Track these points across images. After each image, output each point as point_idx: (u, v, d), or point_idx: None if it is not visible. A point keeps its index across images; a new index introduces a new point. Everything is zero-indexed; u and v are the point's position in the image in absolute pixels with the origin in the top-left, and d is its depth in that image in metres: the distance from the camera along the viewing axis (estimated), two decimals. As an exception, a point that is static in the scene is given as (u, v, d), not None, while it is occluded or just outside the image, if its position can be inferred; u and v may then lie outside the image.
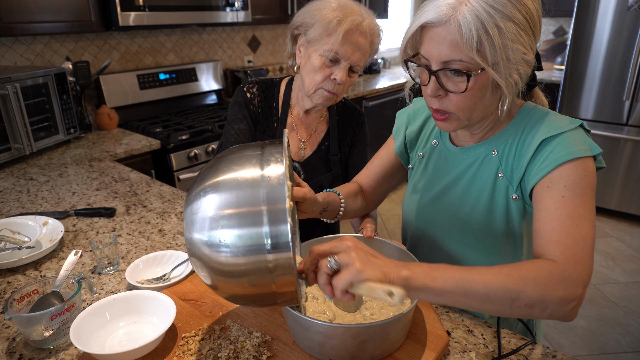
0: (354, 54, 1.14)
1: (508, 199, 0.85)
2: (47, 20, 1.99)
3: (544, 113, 0.83)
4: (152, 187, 1.61)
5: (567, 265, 0.66)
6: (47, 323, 0.80)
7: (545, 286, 0.64)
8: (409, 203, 1.04)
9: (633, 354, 2.11)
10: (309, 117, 1.33)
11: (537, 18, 0.74)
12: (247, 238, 0.61)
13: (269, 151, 0.67)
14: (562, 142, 0.76)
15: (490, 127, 0.88)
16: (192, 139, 2.28)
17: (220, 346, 0.79)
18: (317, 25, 1.14)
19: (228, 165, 0.66)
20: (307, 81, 1.20)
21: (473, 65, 0.73)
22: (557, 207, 0.72)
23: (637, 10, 2.93)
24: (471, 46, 0.70)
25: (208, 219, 0.62)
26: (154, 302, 0.87)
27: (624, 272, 2.73)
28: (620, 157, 3.24)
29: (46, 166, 1.86)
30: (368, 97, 3.40)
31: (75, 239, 1.25)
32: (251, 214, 0.61)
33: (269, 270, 0.61)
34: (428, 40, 0.76)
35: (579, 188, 0.72)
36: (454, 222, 0.93)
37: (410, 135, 1.05)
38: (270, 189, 0.61)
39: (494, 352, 0.81)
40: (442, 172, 0.96)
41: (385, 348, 0.76)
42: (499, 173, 0.86)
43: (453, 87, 0.76)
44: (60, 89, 2.05)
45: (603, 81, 3.20)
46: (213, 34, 3.03)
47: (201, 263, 0.64)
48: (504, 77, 0.73)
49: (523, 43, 0.73)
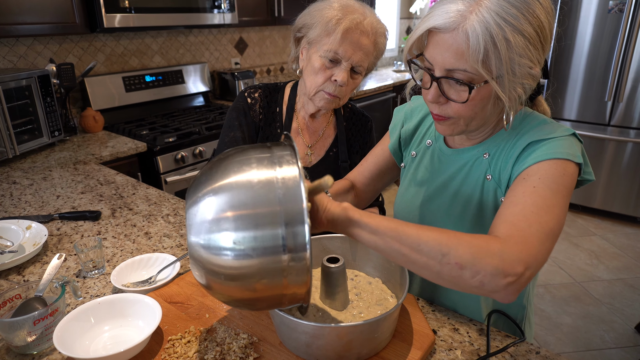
0: (355, 53, 1.11)
1: (497, 202, 0.85)
2: (30, 22, 1.96)
3: (539, 121, 0.81)
4: (138, 190, 1.60)
5: (508, 242, 0.64)
6: (30, 328, 0.79)
7: (480, 250, 0.62)
8: (401, 202, 1.04)
9: (617, 349, 2.15)
10: (315, 122, 1.30)
11: (548, 31, 0.72)
12: (261, 239, 0.60)
13: (278, 152, 0.66)
14: (549, 144, 0.75)
15: (488, 133, 0.87)
16: (179, 141, 2.26)
17: (206, 348, 0.79)
18: (317, 26, 1.12)
19: (238, 166, 0.64)
20: (308, 83, 1.18)
21: (477, 77, 0.71)
22: (524, 195, 0.70)
23: (618, 13, 3.00)
24: (477, 58, 0.68)
25: (215, 220, 0.61)
26: (140, 305, 0.86)
27: (608, 270, 2.78)
28: (603, 156, 3.30)
29: (30, 170, 1.83)
30: (355, 99, 3.41)
31: (59, 243, 1.23)
32: (268, 214, 0.60)
33: (282, 271, 0.61)
34: (434, 45, 0.74)
35: (553, 183, 0.70)
36: (445, 224, 0.92)
37: (406, 133, 1.04)
38: (286, 189, 0.61)
39: (479, 350, 0.82)
40: (435, 173, 0.96)
41: (371, 347, 0.76)
42: (487, 175, 0.86)
43: (455, 96, 0.75)
44: (44, 91, 2.03)
45: (586, 82, 3.25)
46: (200, 36, 3.02)
47: (202, 264, 0.62)
48: (507, 91, 0.72)
49: (531, 57, 0.71)
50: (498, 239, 0.65)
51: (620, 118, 3.18)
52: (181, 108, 2.91)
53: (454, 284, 0.65)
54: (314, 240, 0.97)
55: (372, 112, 3.57)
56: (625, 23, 2.96)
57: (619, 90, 3.12)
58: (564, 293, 2.57)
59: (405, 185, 1.03)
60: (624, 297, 2.52)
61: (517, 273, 0.62)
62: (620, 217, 3.40)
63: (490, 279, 0.62)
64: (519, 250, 0.63)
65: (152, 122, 2.56)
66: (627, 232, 3.23)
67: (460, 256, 0.63)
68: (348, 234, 0.70)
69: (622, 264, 2.84)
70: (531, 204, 0.69)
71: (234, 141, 1.24)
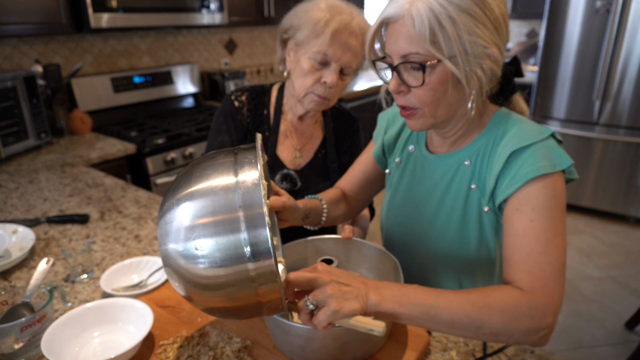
0: (344, 55, 1.10)
1: (481, 211, 0.84)
2: (14, 22, 1.93)
3: (515, 121, 0.82)
4: (127, 192, 1.58)
5: (534, 296, 0.67)
6: (17, 335, 0.77)
7: (511, 316, 0.66)
8: (389, 211, 1.03)
9: (607, 347, 2.17)
10: (303, 124, 1.29)
11: (499, 15, 0.74)
12: (225, 247, 0.58)
13: (242, 155, 0.64)
14: (532, 155, 0.75)
15: (462, 131, 0.87)
16: (168, 142, 2.24)
17: (199, 353, 0.78)
18: (305, 27, 1.11)
19: (201, 172, 0.63)
20: (297, 85, 1.17)
21: (430, 57, 0.73)
22: (525, 233, 0.72)
23: (605, 14, 3.03)
24: (425, 37, 0.71)
25: (184, 228, 0.60)
26: (130, 310, 0.85)
27: (598, 268, 2.81)
28: (592, 155, 3.34)
29: (16, 172, 1.80)
30: (346, 100, 3.41)
31: (47, 247, 1.21)
32: (228, 221, 0.59)
33: (251, 279, 0.59)
34: (389, 37, 0.78)
35: (547, 210, 0.72)
36: (431, 234, 0.92)
37: (389, 140, 1.04)
38: (245, 193, 0.59)
39: (474, 350, 0.82)
40: (418, 180, 0.95)
41: (366, 349, 0.76)
42: (471, 184, 0.85)
43: (413, 82, 0.77)
44: (29, 92, 1.99)
45: (574, 82, 3.29)
46: (189, 36, 3.00)
47: (177, 275, 0.62)
48: (463, 71, 0.73)
49: (482, 36, 0.72)
50: (525, 296, 0.68)
51: (608, 117, 3.21)
52: (170, 109, 2.88)
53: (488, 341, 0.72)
54: (308, 241, 0.96)
55: (363, 113, 3.57)
56: (612, 23, 3.00)
57: (607, 89, 3.16)
58: (554, 291, 2.58)
59: (391, 193, 1.02)
60: (613, 295, 2.55)
61: (547, 325, 0.67)
62: (609, 215, 3.44)
63: (525, 338, 0.67)
64: (544, 303, 0.67)
65: (141, 124, 2.53)
66: (616, 230, 3.27)
67: (493, 327, 0.66)
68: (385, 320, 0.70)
69: (611, 262, 2.87)
70: (535, 242, 0.71)
71: (222, 146, 1.22)
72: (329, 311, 0.63)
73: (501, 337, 0.67)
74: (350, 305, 0.64)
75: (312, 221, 0.99)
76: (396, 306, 0.67)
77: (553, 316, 0.67)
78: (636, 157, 3.17)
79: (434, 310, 0.67)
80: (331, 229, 1.30)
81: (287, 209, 0.86)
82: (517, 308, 0.66)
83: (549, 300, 0.67)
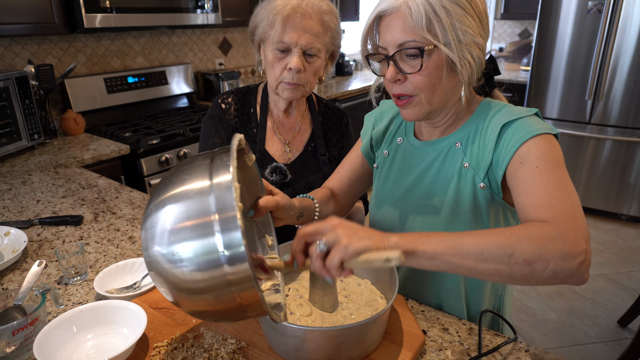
0: (301, 37, 1.11)
1: (475, 189, 0.86)
2: (7, 22, 1.91)
3: (502, 105, 0.87)
4: (121, 193, 1.57)
5: (560, 222, 0.64)
6: (9, 338, 0.76)
7: (541, 240, 0.62)
8: (376, 202, 1.04)
9: (600, 344, 2.18)
10: (289, 118, 1.32)
11: (482, 10, 0.80)
12: (201, 251, 0.58)
13: (218, 158, 0.64)
14: (522, 124, 0.80)
15: (452, 120, 0.91)
16: (162, 143, 2.23)
17: (193, 355, 0.77)
18: (262, 23, 1.15)
19: (178, 177, 0.63)
20: (269, 79, 1.21)
21: (426, 44, 0.78)
22: (534, 177, 0.73)
23: (596, 14, 3.06)
24: (421, 25, 0.76)
25: (164, 233, 0.60)
26: (124, 312, 0.84)
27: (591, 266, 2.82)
28: (584, 154, 3.36)
29: (8, 174, 1.78)
30: (340, 99, 3.41)
31: (39, 249, 1.20)
32: (202, 225, 0.58)
33: (229, 283, 0.58)
34: (384, 30, 0.81)
35: (550, 157, 0.74)
36: (423, 217, 0.93)
37: (377, 134, 1.06)
38: (219, 197, 0.59)
39: (469, 350, 0.82)
40: (408, 168, 0.98)
41: (362, 349, 0.76)
42: (464, 164, 0.87)
43: (410, 69, 0.80)
44: (22, 93, 1.97)
45: (566, 81, 3.31)
46: (183, 36, 2.98)
47: (162, 280, 0.62)
48: (456, 55, 0.78)
49: (471, 26, 0.78)
50: (548, 223, 0.65)
51: (600, 116, 3.24)
52: (165, 109, 2.87)
53: (527, 280, 0.64)
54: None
55: (357, 112, 3.57)
56: (603, 23, 3.02)
57: (598, 89, 3.18)
58: (548, 289, 2.60)
59: (379, 185, 1.04)
60: (606, 292, 2.57)
61: (583, 250, 0.62)
62: (601, 213, 3.46)
63: (563, 264, 0.61)
64: (572, 227, 0.63)
65: (135, 124, 2.52)
66: (608, 228, 3.29)
67: (525, 252, 0.61)
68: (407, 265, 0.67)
69: (604, 260, 2.89)
70: (547, 182, 0.71)
71: (213, 148, 1.23)
72: (340, 246, 0.63)
73: (537, 264, 0.61)
74: (361, 242, 0.63)
75: (305, 220, 1.00)
76: (418, 243, 0.63)
77: (585, 241, 0.63)
78: (628, 155, 3.20)
79: (459, 243, 0.63)
80: None
81: (281, 208, 0.86)
82: (546, 233, 0.63)
83: (576, 225, 0.64)
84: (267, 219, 0.89)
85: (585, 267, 0.63)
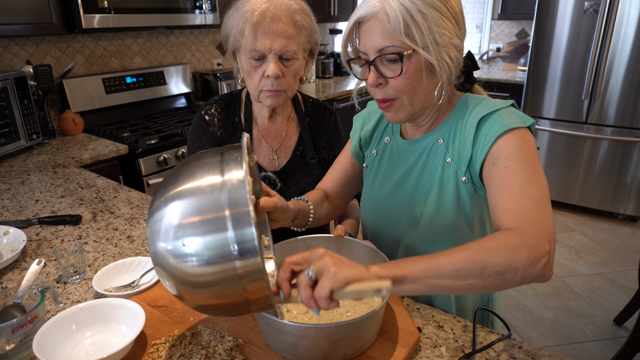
0: (274, 42, 1.06)
1: (458, 183, 0.88)
2: (5, 23, 1.92)
3: (480, 99, 0.89)
4: (119, 193, 1.58)
5: (522, 229, 0.68)
6: (8, 336, 0.77)
7: (508, 250, 0.66)
8: (366, 201, 1.06)
9: (597, 342, 2.20)
10: (275, 124, 1.28)
11: (458, 11, 0.83)
12: (212, 246, 0.59)
13: (228, 154, 0.65)
14: (498, 118, 0.82)
15: (434, 118, 0.93)
16: (161, 143, 2.24)
17: (191, 352, 0.78)
18: (232, 32, 1.11)
19: (188, 171, 0.64)
20: (249, 88, 1.17)
21: (405, 49, 0.80)
22: (503, 179, 0.76)
23: (593, 14, 3.07)
24: (399, 30, 0.78)
25: (172, 227, 0.60)
26: (122, 310, 0.85)
27: (587, 265, 2.84)
28: (581, 154, 3.38)
29: (7, 174, 1.79)
30: (338, 99, 3.43)
31: (38, 248, 1.21)
32: (214, 219, 0.59)
33: (239, 277, 0.60)
34: (363, 35, 0.83)
35: (520, 155, 0.77)
36: (410, 214, 0.95)
37: (365, 134, 1.08)
38: (231, 192, 0.60)
39: (464, 346, 0.83)
40: (394, 166, 1.00)
41: (357, 346, 0.77)
42: (447, 159, 0.90)
43: (390, 73, 0.82)
44: (20, 93, 1.98)
45: (563, 81, 3.32)
46: (181, 36, 2.99)
47: (167, 274, 0.62)
48: (435, 57, 0.80)
49: (448, 29, 0.80)
50: (512, 231, 0.69)
51: (597, 116, 3.25)
52: (163, 110, 2.88)
53: (500, 287, 0.68)
54: (299, 240, 0.97)
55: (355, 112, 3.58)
56: (600, 23, 3.04)
57: (595, 88, 3.19)
58: (545, 288, 2.62)
59: (369, 184, 1.06)
60: (602, 291, 2.58)
61: (546, 251, 0.67)
62: (598, 212, 3.48)
63: (530, 269, 0.66)
64: (534, 231, 0.68)
65: (133, 124, 2.52)
66: (604, 227, 3.31)
67: (495, 263, 0.65)
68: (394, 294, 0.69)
69: (600, 259, 2.91)
70: (513, 184, 0.74)
71: None
72: (330, 274, 0.64)
73: (508, 274, 0.66)
74: (349, 270, 0.65)
75: (300, 222, 1.01)
76: (397, 270, 0.67)
77: (549, 243, 0.67)
78: (624, 155, 3.22)
79: (434, 264, 0.67)
80: (322, 228, 1.31)
81: (278, 210, 0.87)
82: (511, 242, 0.67)
83: (538, 229, 0.68)
84: (263, 219, 0.90)
85: (549, 267, 0.68)
